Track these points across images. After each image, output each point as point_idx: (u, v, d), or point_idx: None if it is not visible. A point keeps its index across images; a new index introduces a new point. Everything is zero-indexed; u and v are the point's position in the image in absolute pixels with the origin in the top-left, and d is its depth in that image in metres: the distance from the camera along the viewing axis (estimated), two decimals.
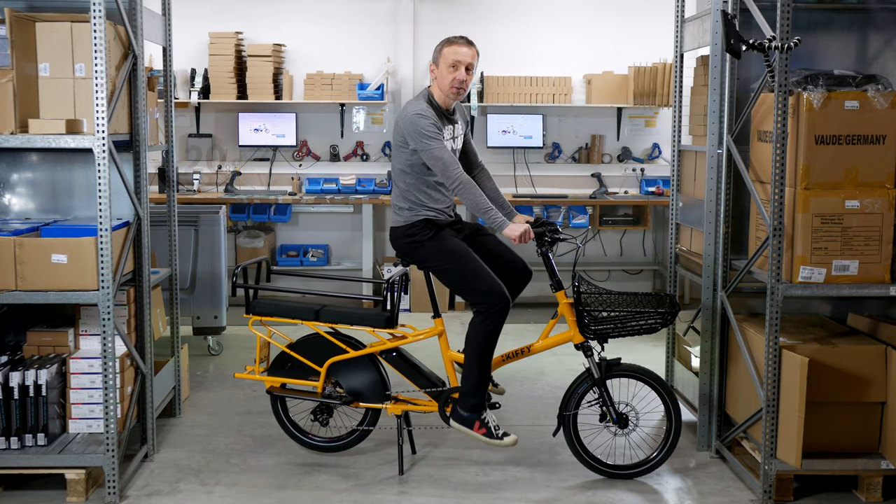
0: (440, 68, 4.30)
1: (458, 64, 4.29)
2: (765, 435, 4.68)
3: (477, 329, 4.32)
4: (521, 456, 4.94)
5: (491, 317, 4.28)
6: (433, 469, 4.80)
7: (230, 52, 9.80)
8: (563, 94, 9.68)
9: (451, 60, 4.28)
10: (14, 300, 4.65)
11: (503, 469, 4.80)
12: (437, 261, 4.39)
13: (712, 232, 5.25)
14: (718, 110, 5.18)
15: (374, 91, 9.62)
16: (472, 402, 4.38)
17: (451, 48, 4.28)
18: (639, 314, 4.41)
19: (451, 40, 4.30)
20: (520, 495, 4.51)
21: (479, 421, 4.39)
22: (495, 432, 4.39)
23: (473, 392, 4.37)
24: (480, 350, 4.33)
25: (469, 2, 10.16)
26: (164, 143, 5.82)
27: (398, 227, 4.44)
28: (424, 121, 4.23)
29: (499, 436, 4.39)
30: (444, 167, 4.21)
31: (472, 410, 4.39)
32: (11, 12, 4.65)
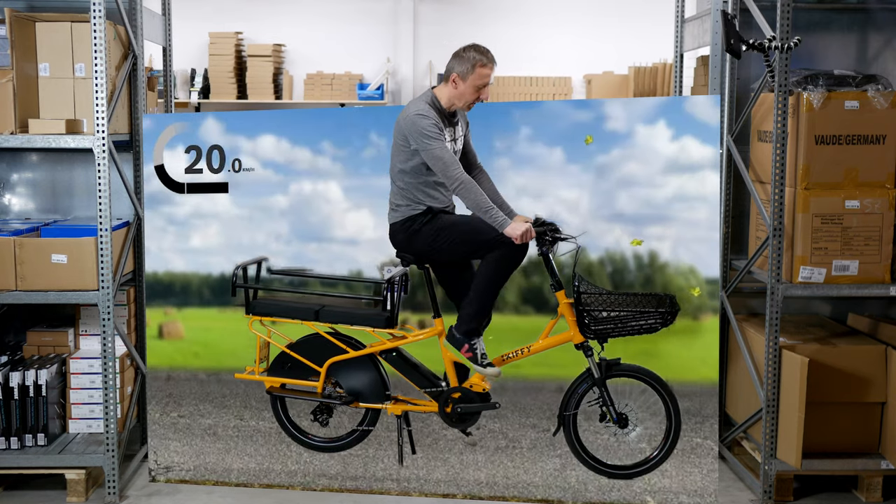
0: (466, 83, 4.29)
1: (485, 86, 4.33)
2: (765, 435, 4.68)
3: (491, 262, 4.37)
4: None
5: (506, 253, 4.33)
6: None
7: (230, 52, 9.80)
8: (563, 94, 9.67)
9: (480, 83, 4.30)
10: (14, 300, 4.65)
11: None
12: (438, 235, 4.40)
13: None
14: (718, 110, 5.18)
15: (374, 91, 9.62)
16: (466, 326, 4.48)
17: (484, 70, 4.28)
18: (639, 314, 4.41)
19: (485, 63, 4.29)
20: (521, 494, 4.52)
21: (469, 345, 4.49)
22: (480, 360, 4.47)
23: (472, 317, 4.47)
24: (489, 280, 4.41)
25: (469, 2, 10.16)
26: None
27: (396, 222, 4.44)
28: (426, 121, 4.23)
29: (483, 364, 4.48)
30: (445, 167, 4.22)
31: (465, 334, 4.48)
32: (11, 12, 4.65)
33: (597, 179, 4.36)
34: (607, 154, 4.33)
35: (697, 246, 4.27)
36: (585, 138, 4.30)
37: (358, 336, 4.65)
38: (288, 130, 4.55)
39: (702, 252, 4.27)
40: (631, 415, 4.55)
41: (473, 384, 4.53)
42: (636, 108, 4.40)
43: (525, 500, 4.56)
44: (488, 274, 4.41)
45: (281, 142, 4.54)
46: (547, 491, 4.57)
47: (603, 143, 4.33)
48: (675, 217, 4.28)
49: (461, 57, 4.28)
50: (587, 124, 4.33)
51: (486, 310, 4.49)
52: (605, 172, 4.34)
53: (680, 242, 4.26)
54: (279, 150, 4.53)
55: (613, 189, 4.35)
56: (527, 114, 4.50)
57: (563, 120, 4.42)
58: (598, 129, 4.33)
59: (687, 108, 4.37)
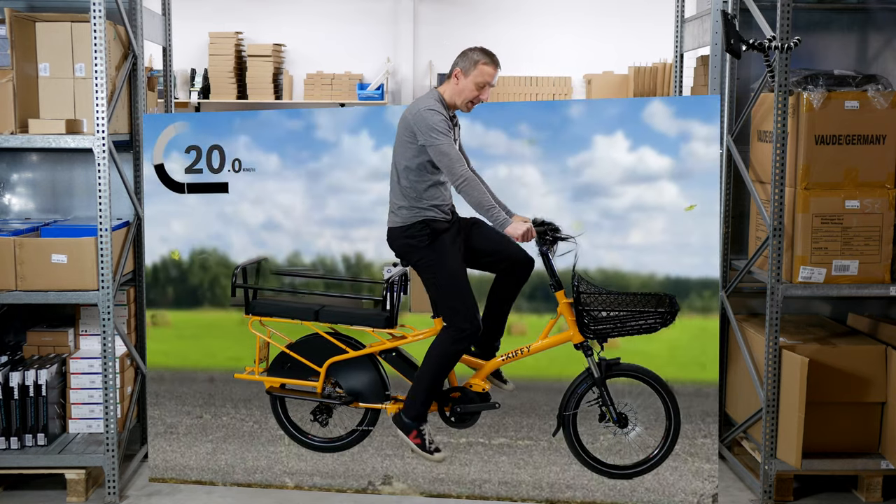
0: (468, 80, 4.31)
1: (487, 85, 4.34)
2: (765, 435, 4.68)
3: (443, 345, 4.41)
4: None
5: (457, 340, 4.38)
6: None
7: (230, 52, 9.80)
8: (563, 93, 9.67)
9: (482, 81, 4.32)
10: (14, 300, 4.65)
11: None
12: (429, 272, 4.43)
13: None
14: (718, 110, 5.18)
15: (374, 91, 9.62)
16: (415, 411, 4.49)
17: (487, 69, 4.31)
18: (639, 314, 4.41)
19: (488, 62, 4.32)
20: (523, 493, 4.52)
21: (417, 431, 4.50)
22: (428, 446, 4.50)
23: (421, 402, 4.49)
24: (438, 366, 4.44)
25: (469, 2, 10.16)
26: None
27: (396, 227, 4.44)
28: (437, 116, 4.25)
29: (430, 450, 4.52)
30: (451, 163, 4.23)
31: (414, 419, 4.49)
32: (11, 12, 4.65)
33: (310, 185, 4.53)
34: (318, 161, 4.52)
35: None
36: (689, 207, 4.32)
37: (357, 336, 4.65)
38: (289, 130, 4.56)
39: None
40: (631, 415, 4.55)
41: (473, 384, 4.54)
42: (343, 117, 4.56)
43: (525, 500, 4.56)
44: (436, 361, 4.44)
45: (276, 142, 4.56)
46: (547, 491, 4.57)
47: (315, 150, 4.51)
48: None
49: (466, 55, 4.32)
50: (298, 132, 4.53)
51: (434, 394, 4.51)
52: (316, 178, 4.54)
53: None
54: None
55: (324, 194, 4.56)
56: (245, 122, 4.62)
57: (278, 128, 4.56)
58: (309, 137, 4.52)
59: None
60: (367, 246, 4.53)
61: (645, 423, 4.54)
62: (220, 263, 4.62)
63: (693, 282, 4.40)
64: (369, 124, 4.57)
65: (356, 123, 4.57)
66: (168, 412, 4.68)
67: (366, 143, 4.52)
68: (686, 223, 4.34)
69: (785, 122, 4.54)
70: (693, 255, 4.34)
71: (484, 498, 4.60)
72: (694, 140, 4.31)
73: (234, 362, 4.67)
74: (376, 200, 4.49)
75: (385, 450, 4.70)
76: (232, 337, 4.67)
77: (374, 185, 4.51)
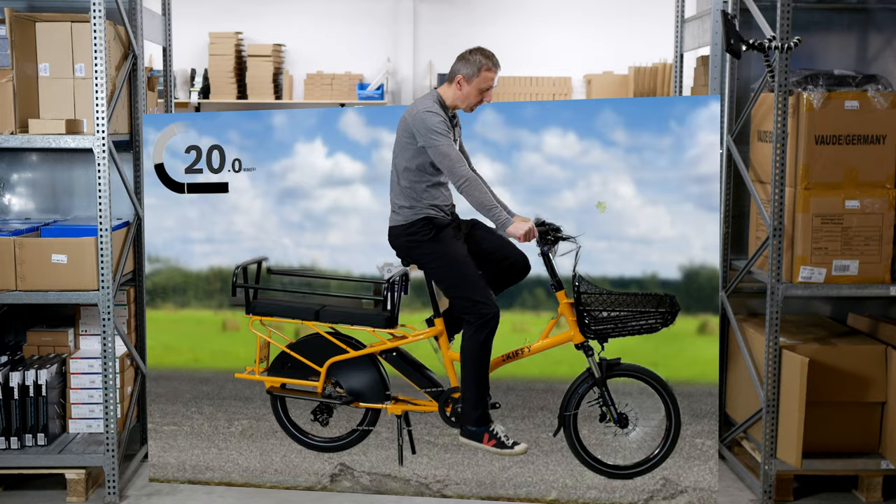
0: (471, 86, 4.31)
1: (489, 90, 4.34)
2: (765, 435, 4.68)
3: (470, 341, 4.36)
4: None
5: (481, 327, 4.33)
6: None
7: (230, 52, 9.80)
8: (563, 93, 9.67)
9: (485, 86, 4.33)
10: (14, 300, 4.65)
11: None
12: (435, 264, 4.40)
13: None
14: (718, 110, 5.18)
15: (374, 91, 9.62)
16: (475, 414, 4.40)
17: (489, 74, 4.31)
18: (639, 314, 4.41)
19: (491, 66, 4.32)
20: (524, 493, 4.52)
21: (489, 433, 4.41)
22: (506, 442, 4.41)
23: (475, 405, 4.40)
24: (476, 361, 4.37)
25: (469, 2, 10.16)
26: None
27: (398, 225, 4.44)
28: (435, 118, 4.25)
29: (510, 445, 4.41)
30: (452, 164, 4.23)
31: (479, 424, 4.41)
32: (11, 12, 4.65)
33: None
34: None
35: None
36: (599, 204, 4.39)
37: (358, 336, 4.65)
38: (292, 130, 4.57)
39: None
40: (631, 415, 4.55)
41: None
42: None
43: (525, 500, 4.56)
44: (470, 354, 4.36)
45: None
46: (547, 491, 4.57)
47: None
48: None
49: (467, 59, 4.30)
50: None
51: (485, 388, 4.41)
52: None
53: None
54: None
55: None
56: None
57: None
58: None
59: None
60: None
61: (645, 423, 4.54)
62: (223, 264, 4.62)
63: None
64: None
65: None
66: (168, 412, 4.67)
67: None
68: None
69: (785, 122, 4.54)
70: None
71: (484, 498, 4.60)
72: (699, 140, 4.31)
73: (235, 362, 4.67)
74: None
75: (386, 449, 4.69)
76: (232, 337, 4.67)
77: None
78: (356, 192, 4.55)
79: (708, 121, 4.27)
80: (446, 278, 4.41)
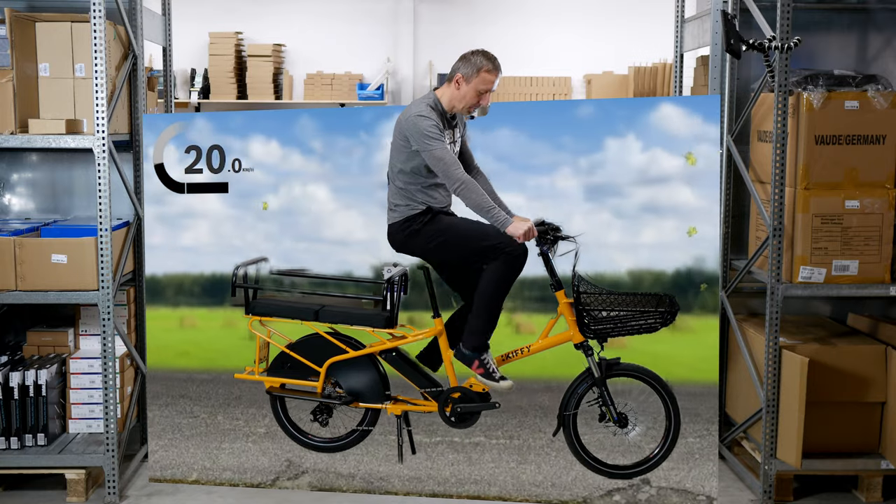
0: (469, 86, 4.31)
1: (488, 91, 4.33)
2: (765, 435, 4.68)
3: (494, 273, 4.35)
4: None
5: (509, 264, 4.32)
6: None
7: (230, 52, 9.80)
8: (563, 94, 9.67)
9: (483, 88, 4.32)
10: (14, 300, 4.65)
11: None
12: (438, 237, 4.40)
13: None
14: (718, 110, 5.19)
15: (374, 91, 9.63)
16: (475, 342, 4.44)
17: (489, 76, 4.30)
18: (639, 314, 4.41)
19: (491, 68, 4.31)
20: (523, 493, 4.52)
21: (479, 360, 4.45)
22: (494, 374, 4.44)
23: (479, 333, 4.43)
24: (494, 293, 4.39)
25: (469, 2, 10.17)
26: None
27: (395, 223, 4.44)
28: (427, 122, 4.24)
29: (496, 378, 4.45)
30: (446, 167, 4.23)
31: (475, 350, 4.45)
32: (11, 12, 4.65)
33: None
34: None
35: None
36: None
37: (358, 336, 4.65)
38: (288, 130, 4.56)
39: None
40: (631, 414, 4.55)
41: (473, 384, 4.54)
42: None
43: (525, 500, 4.56)
44: (491, 285, 4.38)
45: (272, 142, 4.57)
46: (546, 491, 4.57)
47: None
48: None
49: (468, 59, 4.29)
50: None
51: (493, 322, 4.44)
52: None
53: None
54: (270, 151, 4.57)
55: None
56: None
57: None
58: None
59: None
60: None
61: (645, 423, 4.54)
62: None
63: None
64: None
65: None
66: (168, 412, 4.67)
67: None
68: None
69: (785, 122, 4.54)
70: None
71: (484, 498, 4.60)
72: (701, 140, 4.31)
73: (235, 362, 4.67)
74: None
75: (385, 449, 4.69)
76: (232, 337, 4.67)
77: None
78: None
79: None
80: (457, 244, 4.41)
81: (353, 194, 4.57)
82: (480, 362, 4.44)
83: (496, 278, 4.37)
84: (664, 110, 4.36)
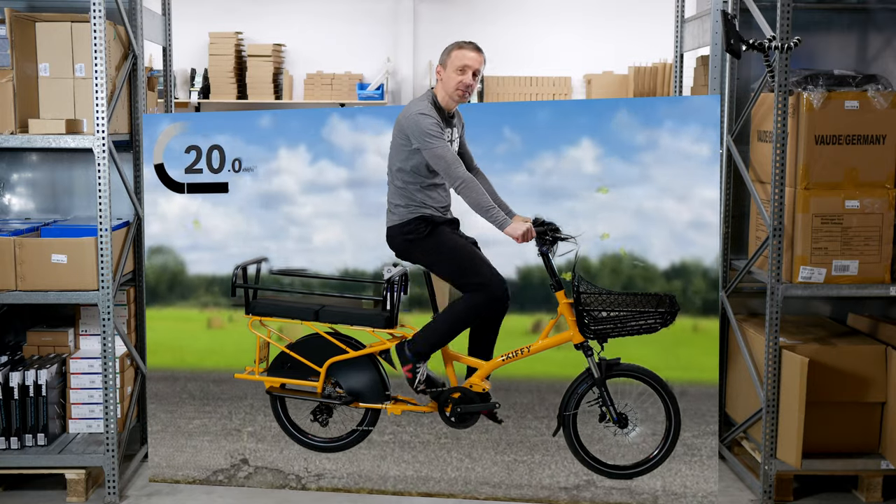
0: (447, 71, 4.31)
1: (466, 68, 4.31)
2: (765, 435, 4.68)
3: (467, 301, 4.38)
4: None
5: (487, 302, 4.34)
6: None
7: (230, 52, 9.80)
8: (563, 93, 9.67)
9: (459, 65, 4.29)
10: (14, 300, 4.65)
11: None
12: (435, 255, 4.40)
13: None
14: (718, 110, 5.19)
15: (374, 91, 9.63)
16: (420, 347, 4.46)
17: (459, 52, 4.29)
18: (639, 314, 4.41)
19: (461, 45, 4.32)
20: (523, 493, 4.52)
21: (413, 365, 4.46)
22: (416, 384, 4.47)
23: (429, 344, 4.46)
24: (461, 314, 4.41)
25: (469, 1, 10.17)
26: None
27: (394, 225, 4.44)
28: (428, 119, 4.24)
29: (416, 388, 4.48)
30: (447, 166, 4.23)
31: (416, 356, 4.47)
32: (11, 12, 4.66)
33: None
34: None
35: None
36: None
37: (358, 336, 4.65)
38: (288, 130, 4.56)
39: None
40: (631, 415, 4.55)
41: (473, 384, 4.54)
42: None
43: (525, 501, 4.56)
44: (463, 308, 4.40)
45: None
46: (546, 491, 4.57)
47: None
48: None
49: (443, 51, 4.34)
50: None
51: (447, 339, 4.49)
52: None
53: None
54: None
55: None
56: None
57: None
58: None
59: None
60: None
61: (645, 423, 4.54)
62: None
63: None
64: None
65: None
66: (168, 412, 4.67)
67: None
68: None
69: (785, 122, 4.54)
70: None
71: (484, 498, 4.60)
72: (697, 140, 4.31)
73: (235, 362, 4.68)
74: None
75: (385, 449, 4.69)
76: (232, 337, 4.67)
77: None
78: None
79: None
80: (450, 269, 4.41)
81: (354, 194, 4.57)
82: (413, 367, 4.48)
83: (472, 305, 4.39)
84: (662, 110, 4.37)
